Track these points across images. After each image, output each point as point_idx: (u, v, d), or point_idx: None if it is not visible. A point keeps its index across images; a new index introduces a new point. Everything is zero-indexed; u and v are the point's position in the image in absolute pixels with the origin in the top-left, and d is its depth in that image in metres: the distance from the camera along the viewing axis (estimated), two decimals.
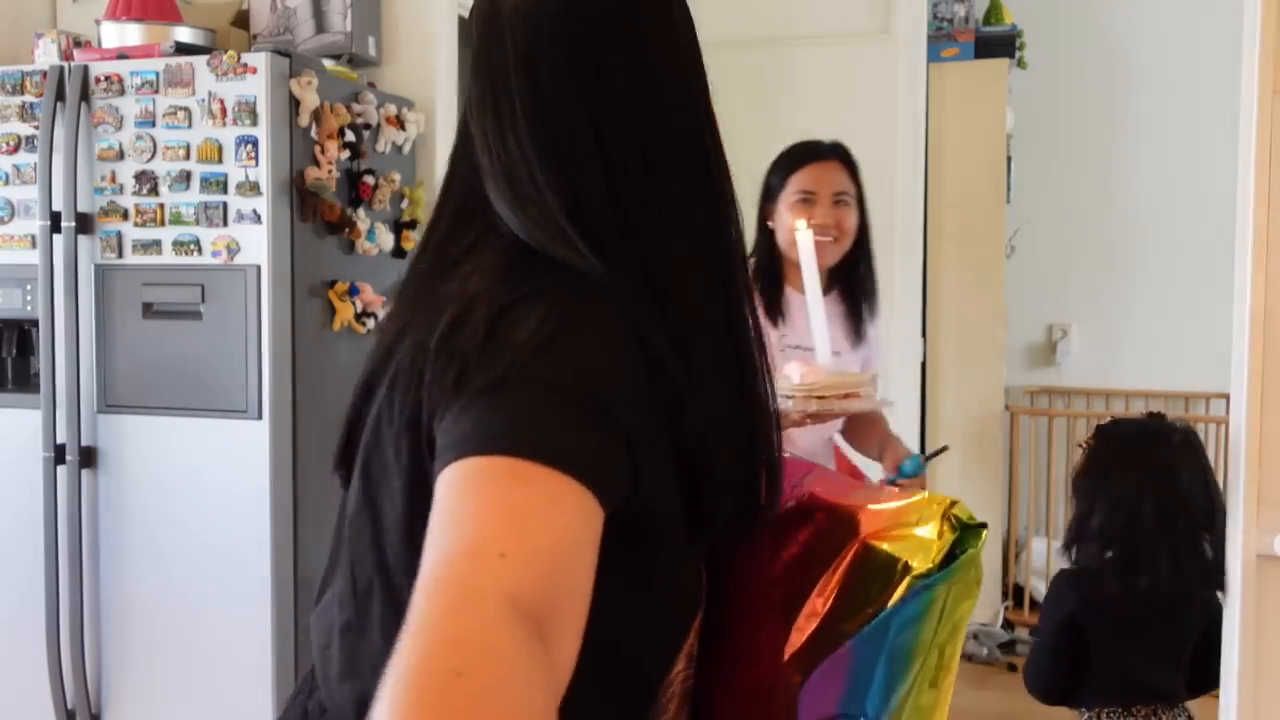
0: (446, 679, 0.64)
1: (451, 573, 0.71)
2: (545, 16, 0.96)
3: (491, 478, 0.78)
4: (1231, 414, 1.82)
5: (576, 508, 0.77)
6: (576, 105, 0.94)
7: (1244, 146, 1.78)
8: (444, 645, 0.66)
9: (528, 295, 0.87)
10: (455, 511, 0.76)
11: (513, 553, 0.72)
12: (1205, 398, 4.61)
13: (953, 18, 4.43)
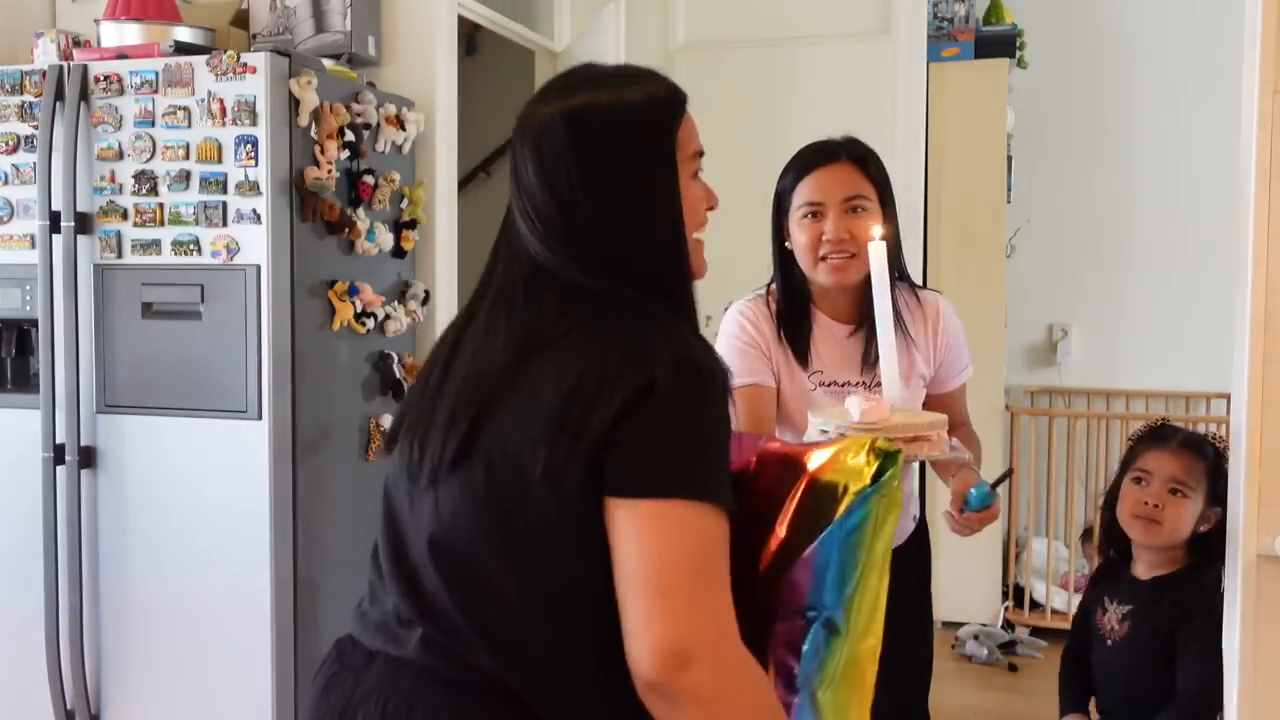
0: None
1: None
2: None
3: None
4: (1232, 414, 1.82)
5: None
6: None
7: (1244, 146, 1.77)
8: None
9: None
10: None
11: None
12: (1205, 398, 4.61)
13: (953, 17, 4.42)
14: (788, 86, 4.39)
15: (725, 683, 1.09)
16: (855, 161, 2.03)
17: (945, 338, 2.06)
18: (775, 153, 4.46)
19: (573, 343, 1.19)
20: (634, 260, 1.24)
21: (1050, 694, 2.28)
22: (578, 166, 1.22)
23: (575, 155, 1.23)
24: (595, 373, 1.15)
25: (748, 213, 4.54)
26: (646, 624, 1.08)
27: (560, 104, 1.26)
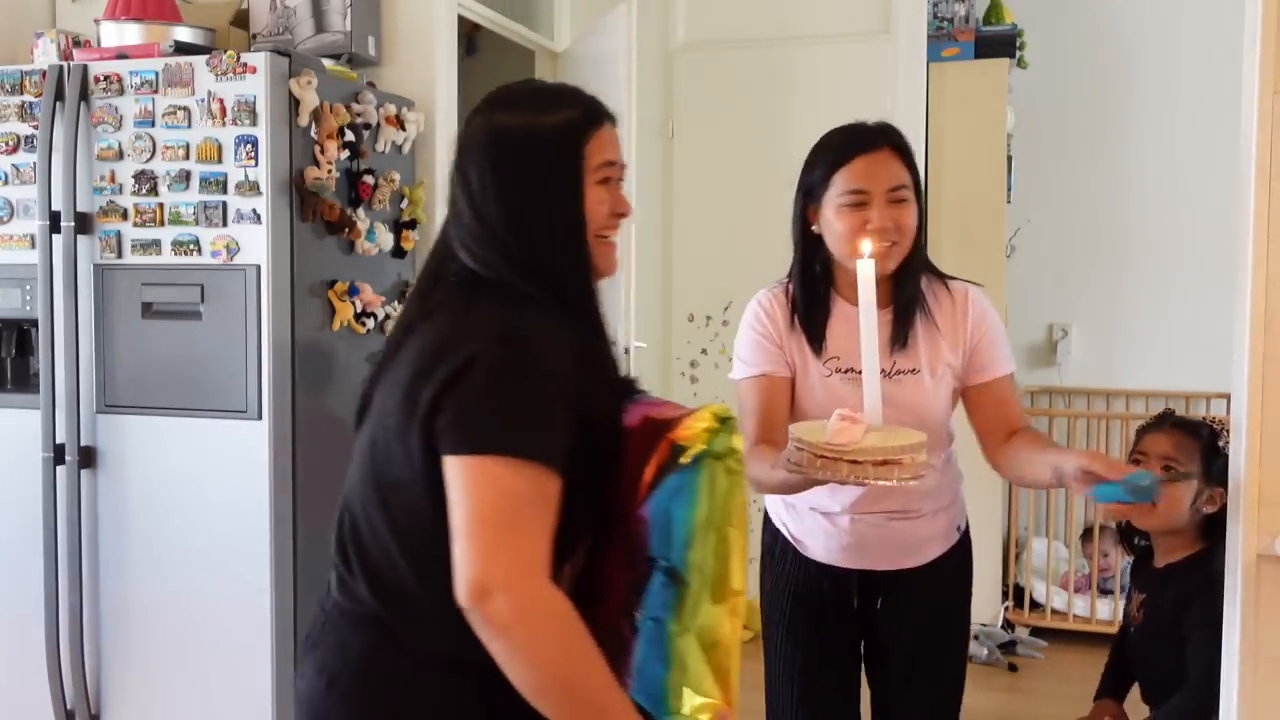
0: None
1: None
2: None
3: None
4: (1231, 414, 1.82)
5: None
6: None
7: (1244, 146, 1.77)
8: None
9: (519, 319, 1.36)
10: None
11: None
12: (1205, 398, 4.61)
13: (953, 17, 4.42)
14: (788, 86, 4.39)
15: (522, 613, 1.27)
16: (895, 149, 1.96)
17: (975, 325, 2.02)
18: (775, 152, 4.48)
19: (436, 320, 1.40)
20: (527, 255, 1.42)
21: (1050, 694, 2.29)
22: (492, 175, 1.43)
23: (490, 166, 1.43)
24: (435, 348, 1.36)
25: (748, 211, 4.57)
26: (458, 562, 1.28)
27: (489, 118, 1.47)
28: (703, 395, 4.50)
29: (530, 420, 1.31)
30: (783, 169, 4.44)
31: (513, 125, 1.44)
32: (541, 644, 1.28)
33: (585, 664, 1.30)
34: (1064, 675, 3.97)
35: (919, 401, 1.98)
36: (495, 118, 1.46)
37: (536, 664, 1.28)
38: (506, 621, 1.26)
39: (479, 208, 1.43)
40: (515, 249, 1.42)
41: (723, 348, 4.51)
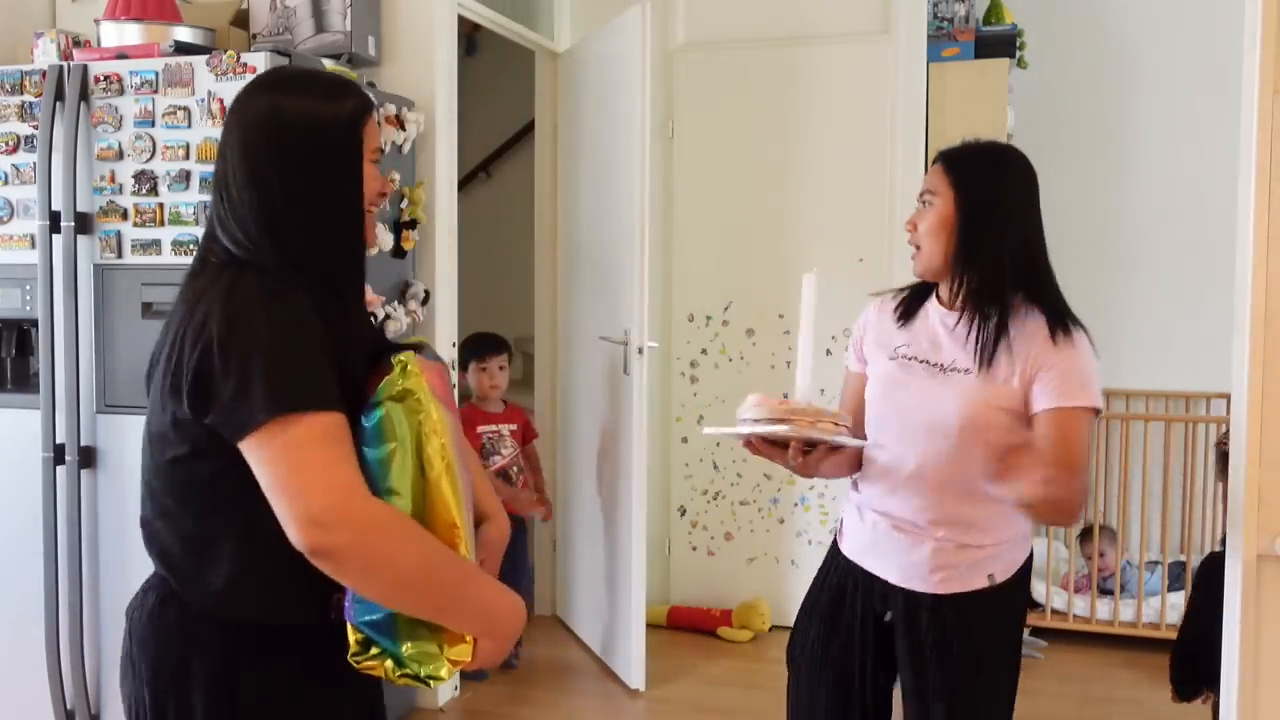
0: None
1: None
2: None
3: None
4: (1231, 414, 1.82)
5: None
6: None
7: (1244, 146, 1.77)
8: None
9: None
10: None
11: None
12: (1205, 398, 4.61)
13: (953, 17, 4.42)
14: (788, 87, 4.39)
15: (360, 528, 1.33)
16: (944, 162, 2.08)
17: (1036, 359, 1.99)
18: (775, 152, 4.48)
19: (192, 308, 1.45)
20: (304, 232, 1.48)
21: (1050, 694, 2.28)
22: (278, 156, 1.47)
23: (277, 147, 1.47)
24: (179, 334, 1.44)
25: (748, 211, 4.57)
26: (285, 520, 1.34)
27: (273, 100, 1.49)
28: (703, 395, 4.51)
29: (282, 377, 1.37)
30: (783, 169, 4.47)
31: (304, 110, 1.48)
32: (389, 548, 1.35)
33: (433, 550, 1.39)
34: (1064, 675, 3.97)
35: (961, 402, 2.00)
36: (281, 101, 1.49)
37: (392, 567, 1.35)
38: (349, 542, 1.32)
39: (255, 187, 1.47)
40: (291, 227, 1.47)
41: (722, 348, 4.51)
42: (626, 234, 3.77)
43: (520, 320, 4.77)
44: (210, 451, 1.42)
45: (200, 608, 1.51)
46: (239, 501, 1.42)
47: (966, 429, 1.98)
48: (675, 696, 3.80)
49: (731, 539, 4.56)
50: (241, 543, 1.46)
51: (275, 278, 1.44)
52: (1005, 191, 2.06)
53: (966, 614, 2.01)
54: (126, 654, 1.58)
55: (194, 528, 1.51)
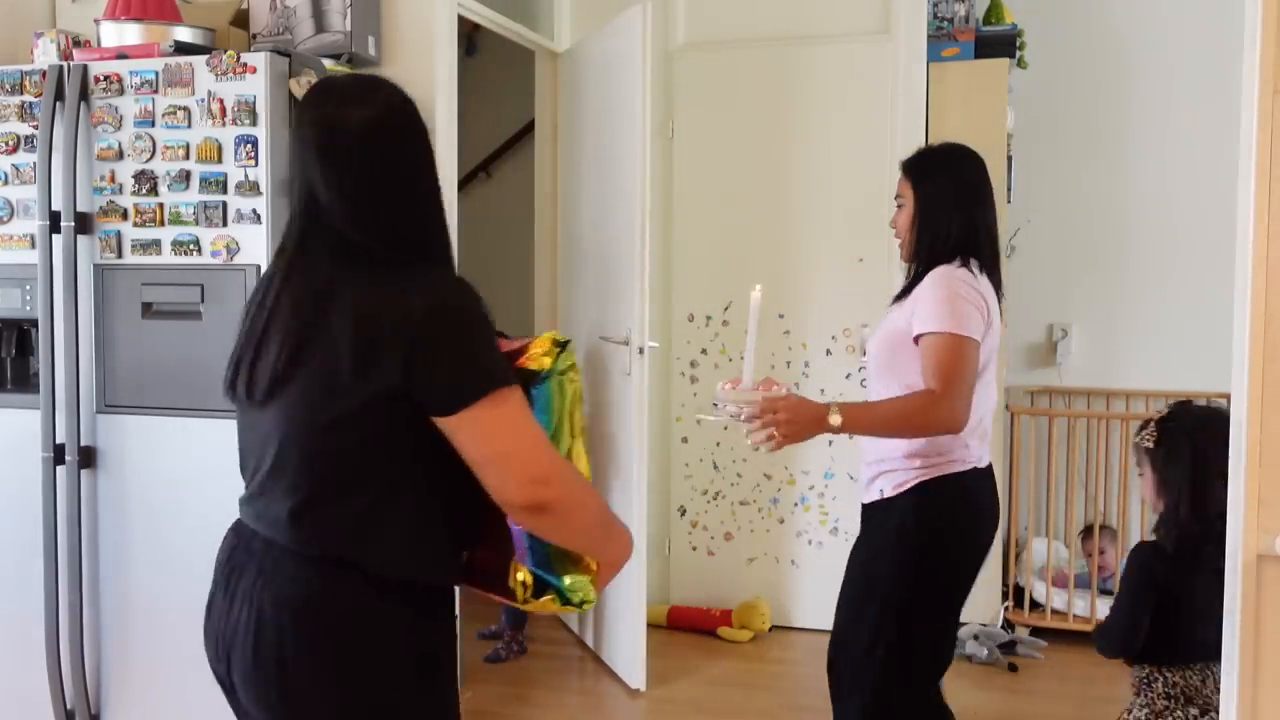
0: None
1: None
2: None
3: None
4: (1232, 414, 1.82)
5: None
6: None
7: (1244, 146, 1.77)
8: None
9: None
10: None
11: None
12: (1205, 398, 4.61)
13: (953, 17, 4.42)
14: (788, 86, 4.40)
15: (569, 484, 1.59)
16: (904, 170, 2.52)
17: (914, 297, 2.40)
18: (775, 152, 4.48)
19: (347, 297, 1.54)
20: (412, 225, 1.62)
21: (1050, 694, 2.29)
22: (368, 158, 1.57)
23: (366, 150, 1.57)
24: (370, 320, 1.52)
25: (748, 211, 4.57)
26: (506, 476, 1.53)
27: (342, 111, 1.58)
28: (703, 395, 4.51)
29: (491, 357, 1.56)
30: (783, 169, 4.47)
31: (377, 115, 1.59)
32: (582, 498, 1.62)
33: (598, 496, 1.70)
34: (1064, 675, 3.97)
35: (875, 341, 2.53)
36: (350, 111, 1.58)
37: (584, 512, 1.62)
38: (561, 494, 1.55)
39: (364, 189, 1.58)
40: (403, 221, 1.60)
41: (723, 347, 4.51)
42: (627, 234, 3.77)
43: (520, 320, 4.77)
44: (392, 432, 1.54)
45: (377, 574, 1.57)
46: (409, 474, 1.57)
47: (874, 361, 2.48)
48: (675, 696, 3.81)
49: (731, 539, 4.56)
50: (408, 511, 1.58)
51: (444, 269, 1.63)
52: (950, 186, 2.46)
53: (874, 520, 2.46)
54: (277, 653, 1.61)
55: (368, 503, 1.57)
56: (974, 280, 2.37)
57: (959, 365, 2.24)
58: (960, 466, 2.36)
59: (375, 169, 1.58)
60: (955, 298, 2.30)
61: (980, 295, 2.35)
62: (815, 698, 3.84)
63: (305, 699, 1.60)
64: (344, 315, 1.53)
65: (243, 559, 1.68)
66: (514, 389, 1.54)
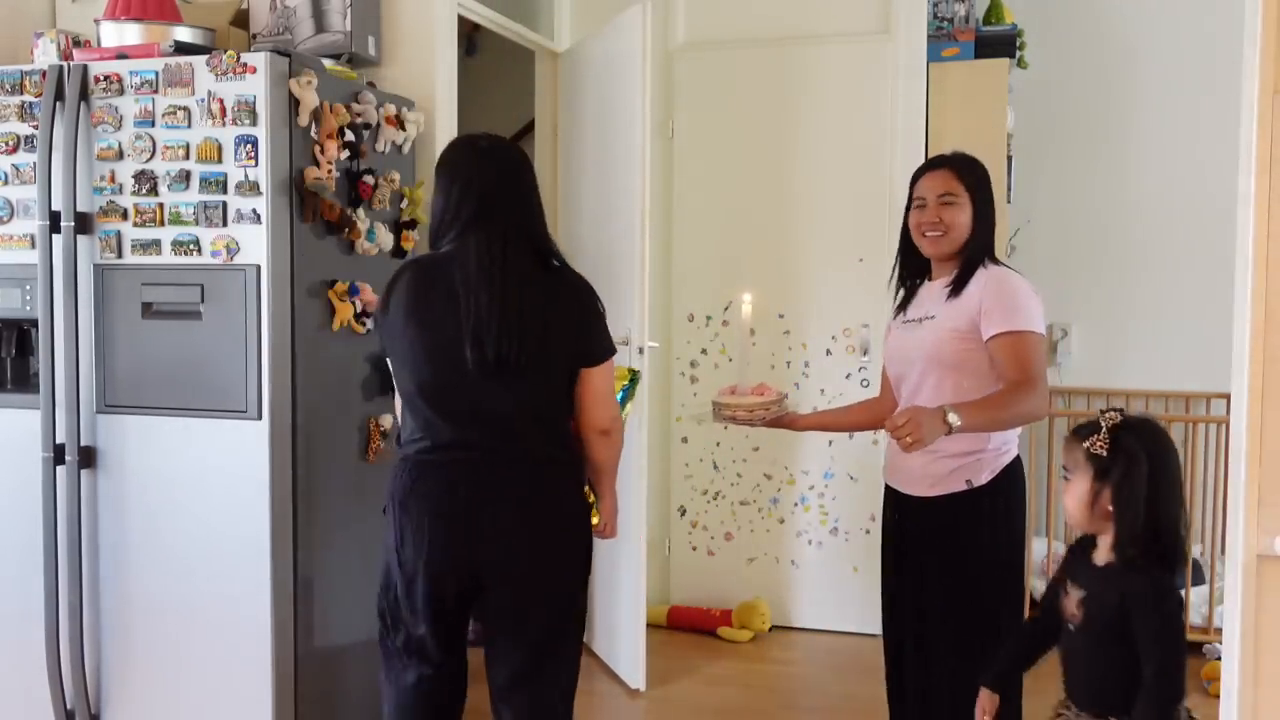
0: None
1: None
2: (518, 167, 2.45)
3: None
4: (1231, 414, 1.82)
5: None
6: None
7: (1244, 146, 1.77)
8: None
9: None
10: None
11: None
12: (1205, 398, 4.61)
13: (953, 17, 4.42)
14: (788, 86, 4.40)
15: (621, 428, 2.45)
16: (953, 168, 2.64)
17: (979, 299, 2.51)
18: (775, 152, 4.49)
19: (556, 282, 2.39)
20: (545, 233, 2.44)
21: (1050, 694, 2.27)
22: (531, 187, 2.41)
23: (529, 181, 2.42)
24: (575, 304, 2.38)
25: (748, 211, 4.57)
26: (602, 411, 2.38)
27: (517, 153, 2.46)
28: (702, 395, 4.50)
29: (608, 334, 2.40)
30: (783, 169, 4.47)
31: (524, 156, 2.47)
32: (622, 439, 2.46)
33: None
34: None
35: (924, 340, 2.58)
36: (517, 151, 2.46)
37: (619, 450, 2.45)
38: (618, 431, 2.43)
39: (537, 207, 2.42)
40: (544, 231, 2.44)
41: (722, 347, 4.51)
42: (627, 234, 3.77)
43: None
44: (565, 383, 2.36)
45: (566, 459, 2.38)
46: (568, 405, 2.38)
47: (930, 360, 2.55)
48: (675, 696, 3.81)
49: (731, 539, 4.57)
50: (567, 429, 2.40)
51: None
52: (989, 192, 2.66)
53: (951, 513, 2.53)
54: (525, 512, 2.30)
55: (560, 426, 2.38)
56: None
57: (1040, 360, 2.46)
58: (1016, 451, 2.60)
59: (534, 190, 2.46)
60: (1023, 296, 2.49)
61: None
62: (815, 697, 3.85)
63: (562, 563, 2.36)
64: (558, 307, 2.36)
65: (472, 479, 2.29)
66: (611, 359, 2.39)
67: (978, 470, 2.52)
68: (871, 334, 4.30)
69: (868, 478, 4.32)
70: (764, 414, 2.61)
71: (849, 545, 4.41)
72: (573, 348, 2.31)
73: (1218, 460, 4.41)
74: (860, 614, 4.25)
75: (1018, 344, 2.44)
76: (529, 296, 2.27)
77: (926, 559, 2.58)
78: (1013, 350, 2.44)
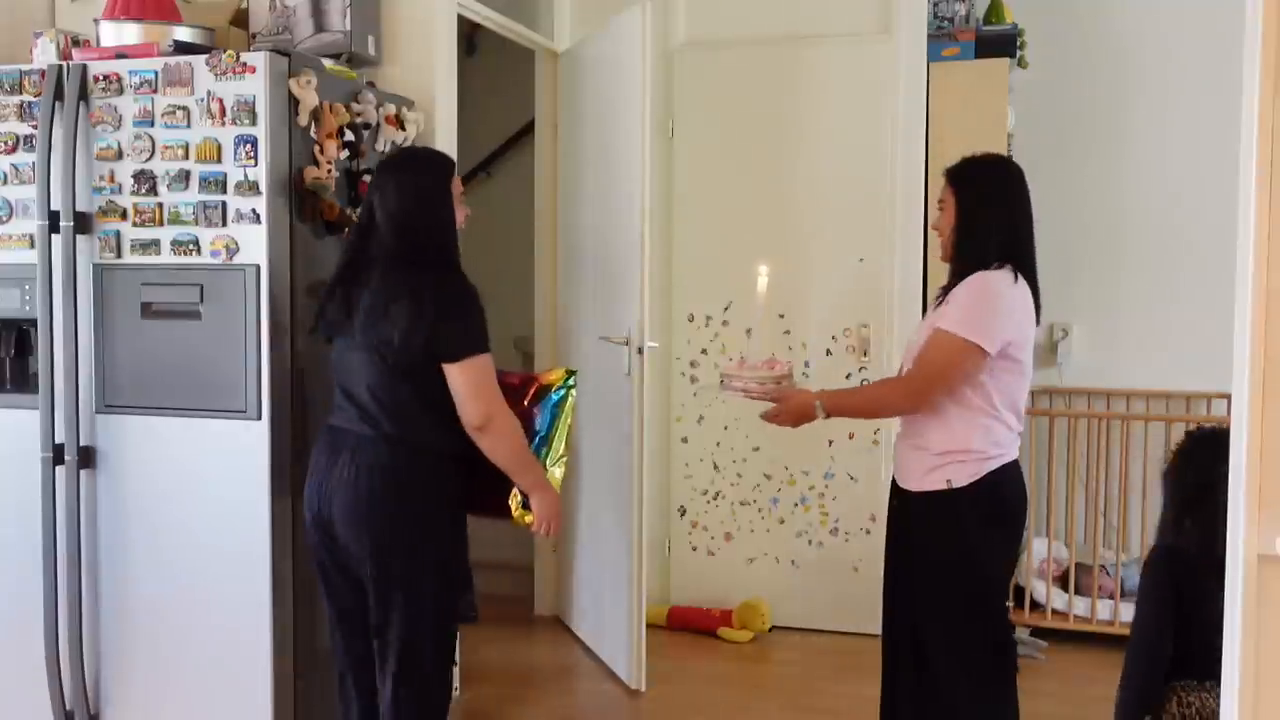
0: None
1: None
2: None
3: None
4: (1232, 414, 1.81)
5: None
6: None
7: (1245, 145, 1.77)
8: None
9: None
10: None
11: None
12: (1205, 398, 4.61)
13: (953, 17, 4.42)
14: (788, 86, 4.39)
15: (502, 423, 2.55)
16: (947, 176, 2.69)
17: (951, 299, 2.59)
18: (775, 152, 4.48)
19: (395, 283, 2.52)
20: (428, 241, 2.58)
21: (1051, 694, 2.28)
22: (412, 196, 2.58)
23: (407, 189, 2.58)
24: (413, 299, 2.49)
25: (748, 211, 4.57)
26: (472, 408, 2.51)
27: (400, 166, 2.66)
28: (702, 394, 4.51)
29: (475, 330, 2.52)
30: (783, 169, 4.47)
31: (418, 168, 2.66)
32: (511, 435, 2.57)
33: (523, 444, 2.62)
34: (1064, 675, 3.97)
35: (917, 341, 2.64)
36: (407, 167, 2.66)
37: (509, 444, 2.57)
38: (499, 428, 2.54)
39: (400, 216, 2.57)
40: (424, 238, 2.57)
41: (723, 347, 4.51)
42: (627, 234, 3.77)
43: (520, 320, 4.77)
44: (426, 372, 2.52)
45: (426, 448, 2.57)
46: (436, 392, 2.53)
47: (915, 359, 2.59)
48: (675, 696, 3.80)
49: (731, 539, 4.56)
50: (436, 412, 2.55)
51: (443, 270, 2.56)
52: (989, 193, 2.63)
53: (932, 509, 2.58)
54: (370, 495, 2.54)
55: (416, 409, 2.56)
56: (1013, 288, 2.52)
57: (947, 364, 2.49)
58: (1011, 457, 2.60)
59: (420, 199, 2.62)
60: (982, 305, 2.50)
61: (1015, 299, 2.51)
62: (815, 697, 3.84)
63: (386, 528, 2.54)
64: (391, 304, 2.51)
65: (338, 442, 2.59)
66: (478, 358, 2.50)
67: (958, 471, 2.54)
68: (871, 334, 4.30)
69: (868, 478, 4.32)
70: (774, 388, 2.63)
71: (849, 545, 4.40)
72: (429, 345, 2.48)
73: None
74: (860, 614, 4.24)
75: (936, 341, 2.51)
76: (395, 295, 2.49)
77: (912, 553, 2.65)
78: (929, 346, 2.52)
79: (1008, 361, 2.52)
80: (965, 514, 2.55)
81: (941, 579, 2.58)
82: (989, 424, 2.53)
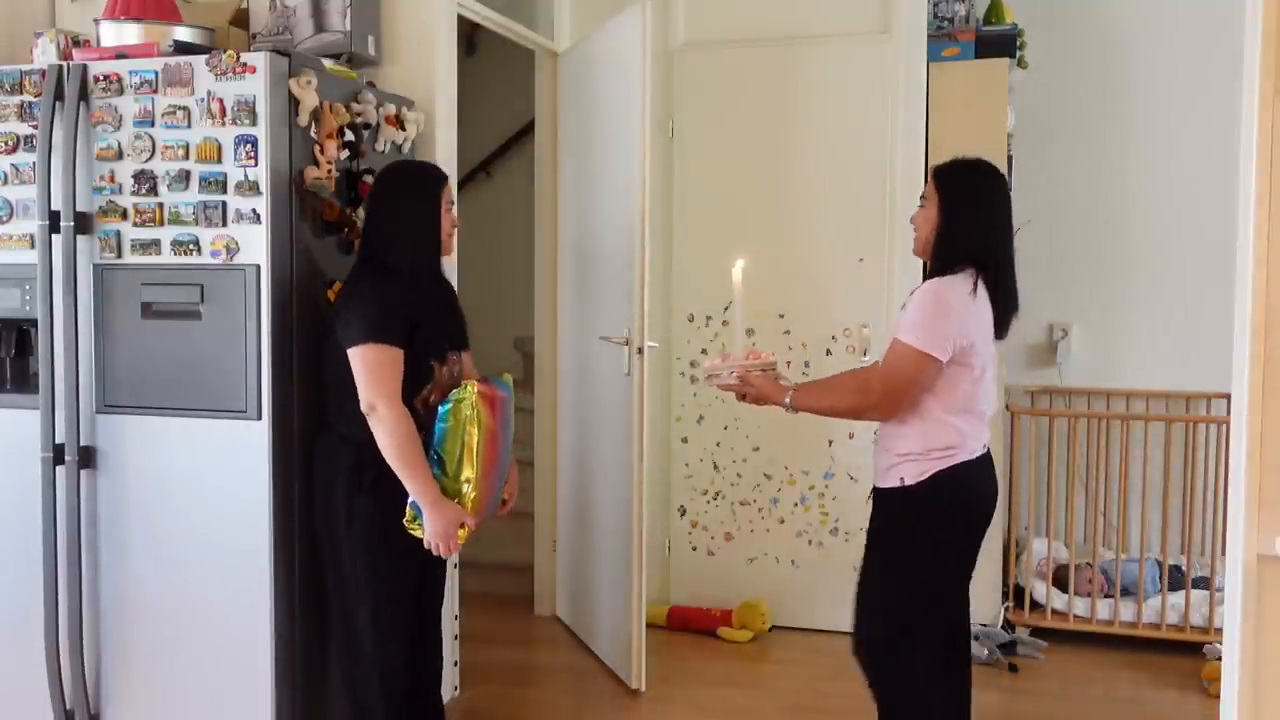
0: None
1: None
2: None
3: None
4: (1232, 414, 1.82)
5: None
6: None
7: (1244, 146, 1.77)
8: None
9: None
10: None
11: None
12: (1205, 398, 4.61)
13: (953, 17, 4.42)
14: (788, 86, 4.39)
15: (384, 416, 2.62)
16: (932, 175, 2.75)
17: (909, 301, 2.69)
18: (775, 152, 4.48)
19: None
20: (394, 248, 2.76)
21: (1051, 694, 2.28)
22: (388, 204, 2.79)
23: (384, 200, 2.80)
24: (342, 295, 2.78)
25: (748, 211, 4.57)
26: (361, 394, 2.63)
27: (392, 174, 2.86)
28: (702, 395, 4.51)
29: (374, 322, 2.64)
30: (783, 169, 4.47)
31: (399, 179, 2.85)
32: (392, 430, 2.62)
33: (410, 442, 2.63)
34: (1064, 676, 3.97)
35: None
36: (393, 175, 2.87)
37: (389, 439, 2.61)
38: (380, 419, 2.62)
39: (375, 220, 2.79)
40: (392, 243, 2.75)
41: (723, 347, 4.51)
42: (626, 234, 3.77)
43: (520, 320, 4.77)
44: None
45: (347, 435, 2.74)
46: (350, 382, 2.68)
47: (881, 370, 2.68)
48: (675, 696, 3.81)
49: (731, 539, 4.56)
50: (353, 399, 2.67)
51: (382, 271, 2.72)
52: (973, 197, 2.70)
53: (895, 505, 2.70)
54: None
55: (339, 396, 2.75)
56: (967, 295, 2.59)
57: (902, 374, 2.60)
58: (967, 456, 2.67)
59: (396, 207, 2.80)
60: (936, 315, 2.58)
61: (967, 307, 2.59)
62: (815, 698, 3.84)
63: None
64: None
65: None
66: (371, 347, 2.63)
67: (909, 470, 2.66)
68: (871, 334, 4.30)
69: (868, 478, 4.29)
70: (757, 376, 2.74)
71: (849, 545, 4.40)
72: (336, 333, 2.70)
73: (1218, 460, 4.41)
74: None
75: (896, 352, 2.61)
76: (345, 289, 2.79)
77: (870, 546, 2.79)
78: (890, 356, 2.63)
79: (958, 367, 2.60)
80: (914, 510, 2.67)
81: (889, 570, 2.72)
82: (937, 426, 2.63)
